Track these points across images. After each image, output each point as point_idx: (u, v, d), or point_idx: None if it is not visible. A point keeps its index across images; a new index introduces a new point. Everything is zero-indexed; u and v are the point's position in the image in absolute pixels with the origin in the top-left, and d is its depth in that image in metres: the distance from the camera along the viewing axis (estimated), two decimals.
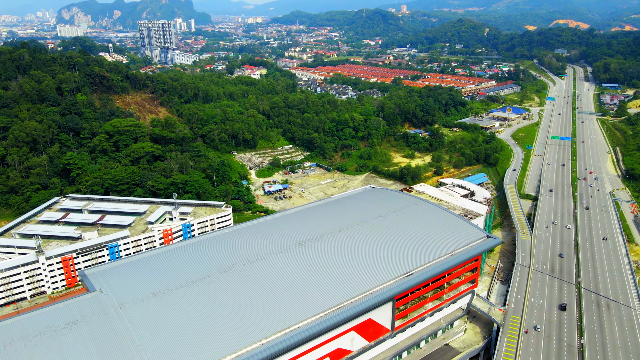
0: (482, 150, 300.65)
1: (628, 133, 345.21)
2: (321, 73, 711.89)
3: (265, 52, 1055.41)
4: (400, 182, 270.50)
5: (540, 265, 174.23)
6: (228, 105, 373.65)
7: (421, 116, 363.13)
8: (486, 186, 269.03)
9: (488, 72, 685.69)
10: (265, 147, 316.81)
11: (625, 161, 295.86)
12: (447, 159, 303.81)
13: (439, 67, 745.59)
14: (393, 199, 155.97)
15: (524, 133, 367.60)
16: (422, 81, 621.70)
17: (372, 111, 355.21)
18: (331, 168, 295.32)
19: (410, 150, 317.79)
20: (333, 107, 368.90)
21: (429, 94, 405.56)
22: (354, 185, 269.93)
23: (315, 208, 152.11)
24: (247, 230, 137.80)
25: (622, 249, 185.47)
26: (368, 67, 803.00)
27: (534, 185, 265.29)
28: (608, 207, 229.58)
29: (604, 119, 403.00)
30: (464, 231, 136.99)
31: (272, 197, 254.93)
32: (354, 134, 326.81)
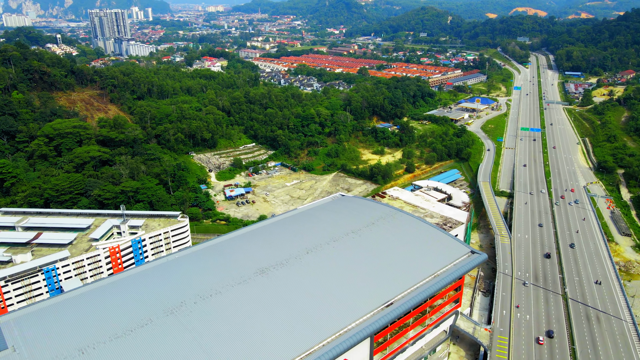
0: (453, 145, 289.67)
1: (596, 123, 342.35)
2: (285, 64, 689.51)
3: (227, 42, 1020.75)
4: (371, 182, 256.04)
5: (523, 273, 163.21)
6: (185, 101, 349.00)
7: (389, 109, 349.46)
8: (460, 183, 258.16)
9: (453, 61, 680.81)
10: (226, 147, 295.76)
11: (595, 153, 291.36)
12: (418, 154, 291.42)
13: (404, 57, 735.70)
14: (366, 210, 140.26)
15: (493, 125, 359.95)
16: (388, 71, 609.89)
17: (339, 105, 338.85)
18: (297, 168, 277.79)
19: (380, 146, 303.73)
20: (298, 101, 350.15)
21: (397, 86, 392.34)
22: (321, 187, 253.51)
23: (279, 224, 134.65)
24: (202, 255, 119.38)
25: (605, 251, 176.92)
26: (333, 57, 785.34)
27: (508, 181, 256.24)
28: (584, 203, 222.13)
29: (571, 109, 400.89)
30: (446, 247, 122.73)
31: (234, 202, 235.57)
32: (321, 130, 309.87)
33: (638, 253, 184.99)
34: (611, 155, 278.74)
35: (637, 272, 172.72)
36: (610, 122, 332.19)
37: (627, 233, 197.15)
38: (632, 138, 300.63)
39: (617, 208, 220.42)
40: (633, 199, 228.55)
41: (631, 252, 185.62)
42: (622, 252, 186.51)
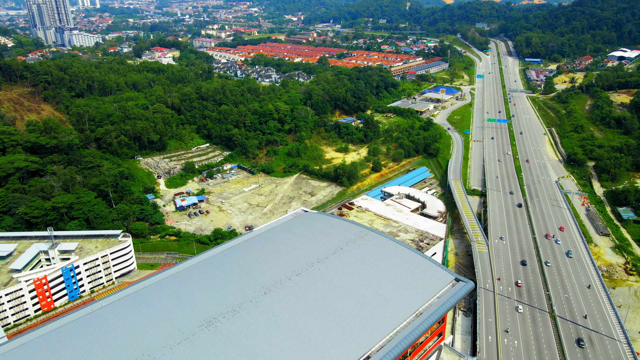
0: (421, 140, 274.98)
1: (561, 112, 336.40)
2: (241, 54, 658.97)
3: (180, 31, 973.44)
4: (336, 184, 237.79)
5: (505, 287, 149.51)
6: (131, 97, 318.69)
7: (352, 102, 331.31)
8: (430, 182, 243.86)
9: (414, 49, 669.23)
10: (177, 149, 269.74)
11: (564, 144, 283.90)
12: (384, 151, 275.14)
13: (364, 44, 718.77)
14: (332, 232, 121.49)
15: (459, 116, 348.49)
16: (348, 60, 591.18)
17: (299, 99, 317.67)
18: (255, 170, 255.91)
19: (344, 143, 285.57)
20: (255, 95, 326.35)
21: (359, 77, 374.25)
22: (282, 191, 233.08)
23: (231, 254, 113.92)
24: (135, 303, 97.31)
25: (586, 256, 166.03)
26: (292, 45, 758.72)
27: (479, 178, 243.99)
28: (558, 200, 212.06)
29: (534, 97, 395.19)
30: (427, 276, 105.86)
31: (186, 213, 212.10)
32: (280, 127, 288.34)
33: (618, 255, 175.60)
34: (580, 146, 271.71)
35: (620, 277, 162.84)
36: (576, 111, 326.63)
37: (605, 233, 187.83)
38: (599, 128, 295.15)
39: (591, 205, 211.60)
40: (606, 194, 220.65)
41: (611, 255, 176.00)
42: (602, 254, 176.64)
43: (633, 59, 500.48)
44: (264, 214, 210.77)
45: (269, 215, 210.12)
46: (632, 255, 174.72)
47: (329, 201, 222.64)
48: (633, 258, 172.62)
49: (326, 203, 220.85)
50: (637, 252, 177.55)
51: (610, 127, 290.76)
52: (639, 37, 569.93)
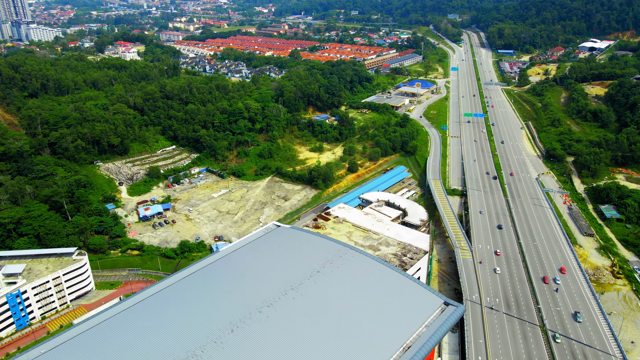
0: (397, 138, 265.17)
1: (537, 105, 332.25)
2: (210, 47, 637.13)
3: (147, 24, 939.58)
4: (310, 187, 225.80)
5: (492, 298, 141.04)
6: (90, 97, 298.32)
7: (326, 98, 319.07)
8: (408, 182, 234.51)
9: (387, 41, 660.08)
10: (141, 152, 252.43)
11: (541, 138, 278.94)
12: (360, 149, 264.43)
13: (337, 37, 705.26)
14: (308, 252, 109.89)
15: (435, 110, 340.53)
16: (321, 53, 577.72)
17: (270, 96, 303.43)
18: (225, 173, 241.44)
19: (318, 142, 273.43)
20: (223, 93, 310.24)
21: (332, 71, 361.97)
22: (254, 196, 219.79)
23: (194, 281, 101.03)
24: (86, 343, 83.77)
25: (573, 260, 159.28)
26: (262, 38, 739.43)
27: (458, 177, 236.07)
28: (541, 199, 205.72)
29: (509, 89, 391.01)
30: (414, 300, 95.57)
31: (150, 223, 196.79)
32: (251, 127, 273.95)
33: (604, 256, 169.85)
34: (558, 141, 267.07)
35: (608, 282, 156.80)
36: (551, 104, 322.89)
37: (589, 233, 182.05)
38: (575, 121, 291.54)
39: (573, 203, 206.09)
40: (587, 191, 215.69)
41: (597, 256, 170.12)
42: (588, 256, 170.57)
43: (603, 49, 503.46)
44: (235, 222, 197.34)
45: (240, 223, 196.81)
46: (617, 256, 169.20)
47: (303, 206, 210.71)
48: (619, 260, 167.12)
49: (301, 208, 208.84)
50: (623, 252, 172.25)
51: (586, 121, 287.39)
52: (608, 28, 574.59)
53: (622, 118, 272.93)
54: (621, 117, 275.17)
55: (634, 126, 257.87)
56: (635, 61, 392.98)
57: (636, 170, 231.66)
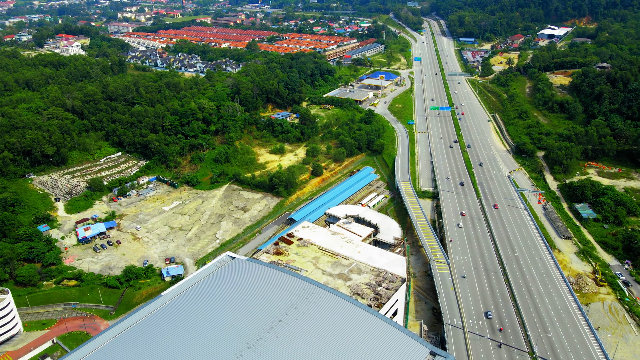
0: (363, 136, 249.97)
1: (503, 96, 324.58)
2: (162, 39, 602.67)
3: (94, 14, 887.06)
4: (272, 194, 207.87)
5: (475, 321, 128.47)
6: (23, 99, 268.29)
7: (286, 95, 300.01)
8: (376, 185, 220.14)
9: (348, 30, 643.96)
10: (81, 161, 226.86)
11: (510, 132, 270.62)
12: (324, 150, 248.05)
13: (296, 26, 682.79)
14: (267, 293, 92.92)
15: (400, 104, 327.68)
16: (280, 44, 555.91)
17: (226, 94, 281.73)
18: (178, 183, 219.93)
19: (279, 143, 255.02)
20: (174, 91, 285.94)
21: (292, 65, 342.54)
22: (210, 208, 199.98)
23: (128, 338, 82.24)
24: None
25: (555, 270, 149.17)
26: (218, 28, 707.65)
27: (429, 177, 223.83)
28: (514, 199, 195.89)
29: (473, 80, 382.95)
30: (395, 351, 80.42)
31: (91, 246, 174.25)
32: (205, 128, 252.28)
33: (584, 261, 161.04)
34: (527, 134, 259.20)
35: (591, 290, 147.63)
36: (517, 94, 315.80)
37: (567, 236, 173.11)
38: (542, 113, 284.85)
39: (548, 202, 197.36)
40: (561, 188, 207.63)
41: (577, 262, 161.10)
42: (568, 262, 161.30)
43: (562, 36, 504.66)
44: (189, 240, 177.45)
45: (194, 241, 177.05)
46: (598, 260, 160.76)
47: (264, 217, 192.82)
48: (600, 265, 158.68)
49: (262, 220, 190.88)
50: (603, 256, 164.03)
51: (553, 112, 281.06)
52: (565, 15, 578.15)
53: (589, 109, 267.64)
54: (588, 108, 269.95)
55: (601, 117, 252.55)
56: (595, 48, 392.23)
57: (607, 164, 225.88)
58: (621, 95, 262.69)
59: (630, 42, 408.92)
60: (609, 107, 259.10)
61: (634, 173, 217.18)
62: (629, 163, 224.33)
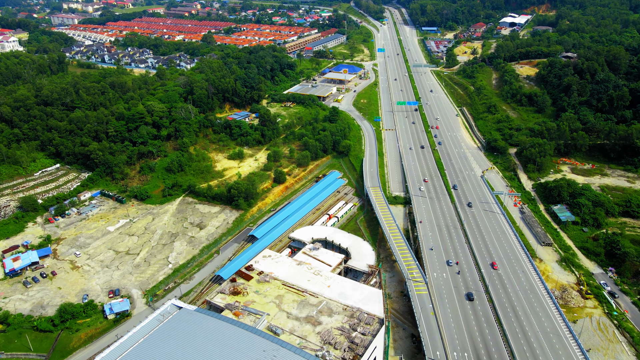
0: (328, 137, 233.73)
1: (470, 89, 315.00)
2: (111, 32, 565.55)
3: (37, 5, 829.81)
4: (231, 207, 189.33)
5: (460, 353, 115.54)
6: None
7: (244, 93, 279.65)
8: (344, 191, 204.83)
9: (308, 20, 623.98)
10: (12, 177, 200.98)
11: (479, 127, 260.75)
12: (287, 153, 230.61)
13: (254, 16, 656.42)
14: (221, 356, 75.84)
15: (366, 99, 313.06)
16: (238, 35, 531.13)
17: (178, 94, 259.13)
18: (125, 197, 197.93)
19: (238, 147, 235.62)
20: (120, 92, 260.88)
21: (250, 59, 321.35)
22: (162, 226, 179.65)
23: None
24: None
25: (540, 286, 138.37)
26: (172, 19, 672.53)
27: (399, 180, 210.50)
28: (490, 202, 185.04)
29: (439, 71, 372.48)
30: None
31: (21, 279, 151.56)
32: (156, 133, 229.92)
33: (567, 271, 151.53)
34: (497, 130, 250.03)
35: (577, 304, 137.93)
36: (484, 87, 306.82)
37: (548, 242, 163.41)
38: (511, 106, 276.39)
39: (525, 204, 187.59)
40: (536, 188, 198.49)
41: (560, 271, 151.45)
42: (550, 272, 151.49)
43: (523, 24, 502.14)
44: (137, 267, 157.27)
45: (143, 267, 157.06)
46: (581, 269, 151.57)
47: (223, 234, 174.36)
48: (584, 273, 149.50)
49: (220, 238, 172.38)
50: (585, 263, 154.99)
51: (522, 105, 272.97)
52: (524, 2, 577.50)
53: (558, 102, 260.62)
54: (557, 100, 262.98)
55: (571, 111, 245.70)
56: (557, 37, 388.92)
57: (579, 159, 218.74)
58: (589, 86, 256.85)
59: (591, 29, 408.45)
60: (577, 99, 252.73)
61: (607, 169, 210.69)
62: (601, 158, 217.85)
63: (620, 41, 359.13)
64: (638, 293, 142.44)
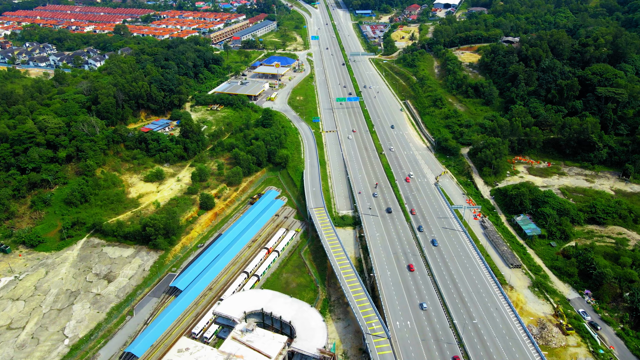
0: (262, 148, 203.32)
1: (412, 80, 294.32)
2: (8, 24, 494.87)
3: None
4: (148, 248, 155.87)
5: None
6: None
7: (161, 98, 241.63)
8: (284, 214, 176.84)
9: (235, 4, 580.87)
10: None
11: (426, 123, 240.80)
12: (215, 170, 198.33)
13: (175, 2, 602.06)
14: None
15: (302, 96, 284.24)
16: (157, 24, 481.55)
17: (80, 104, 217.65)
18: (10, 245, 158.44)
19: (156, 165, 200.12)
20: (5, 105, 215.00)
21: (168, 56, 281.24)
22: (57, 282, 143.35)
23: None
24: None
25: (520, 331, 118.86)
26: (81, 7, 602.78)
27: (345, 195, 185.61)
28: (448, 217, 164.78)
29: (377, 59, 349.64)
30: None
31: None
32: (52, 155, 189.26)
33: (541, 298, 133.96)
34: (446, 127, 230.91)
35: (559, 344, 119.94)
36: (427, 77, 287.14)
37: (516, 264, 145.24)
38: (457, 98, 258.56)
39: (485, 216, 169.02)
40: (494, 195, 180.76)
41: (534, 300, 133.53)
42: (523, 302, 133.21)
43: (458, 5, 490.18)
44: (20, 347, 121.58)
45: (29, 348, 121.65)
46: (555, 295, 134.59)
47: (138, 286, 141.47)
48: (559, 301, 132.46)
49: (134, 292, 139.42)
50: (558, 287, 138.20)
51: (469, 97, 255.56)
52: None
53: (505, 93, 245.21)
54: (504, 91, 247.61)
55: (520, 103, 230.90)
56: (493, 19, 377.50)
57: (534, 157, 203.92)
58: (535, 74, 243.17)
59: (526, 10, 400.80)
60: (525, 89, 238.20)
61: (564, 166, 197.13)
62: (555, 154, 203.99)
63: (555, 22, 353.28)
64: (620, 320, 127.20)
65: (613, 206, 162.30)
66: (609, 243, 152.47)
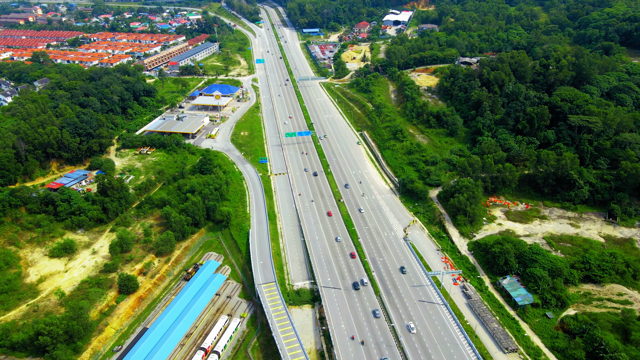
0: (199, 204, 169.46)
1: (368, 107, 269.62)
2: None
3: None
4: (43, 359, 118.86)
5: None
6: None
7: (76, 144, 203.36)
8: (226, 294, 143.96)
9: (173, 24, 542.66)
10: None
11: (387, 160, 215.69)
12: (141, 235, 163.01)
13: (108, 23, 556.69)
14: None
15: (247, 130, 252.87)
16: (86, 48, 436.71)
17: None
18: None
19: (67, 233, 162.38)
20: None
21: (89, 91, 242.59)
22: None
23: None
24: None
25: None
26: (1, 30, 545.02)
27: (300, 259, 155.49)
28: (424, 285, 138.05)
29: (328, 84, 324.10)
30: None
31: None
32: None
33: None
34: (409, 163, 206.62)
35: None
36: (384, 104, 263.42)
37: (512, 348, 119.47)
38: (419, 128, 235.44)
39: (466, 279, 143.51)
40: (473, 250, 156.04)
41: None
42: None
43: (407, 22, 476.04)
44: None
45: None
46: None
47: None
48: None
49: None
50: None
51: (431, 127, 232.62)
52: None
53: (469, 122, 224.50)
54: (468, 119, 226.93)
55: (488, 134, 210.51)
56: (446, 37, 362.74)
57: (510, 197, 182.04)
58: (500, 100, 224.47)
59: (477, 27, 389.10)
60: (492, 117, 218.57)
61: (543, 207, 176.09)
62: (532, 193, 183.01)
63: (509, 39, 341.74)
64: None
65: (609, 261, 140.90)
66: (611, 309, 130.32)
